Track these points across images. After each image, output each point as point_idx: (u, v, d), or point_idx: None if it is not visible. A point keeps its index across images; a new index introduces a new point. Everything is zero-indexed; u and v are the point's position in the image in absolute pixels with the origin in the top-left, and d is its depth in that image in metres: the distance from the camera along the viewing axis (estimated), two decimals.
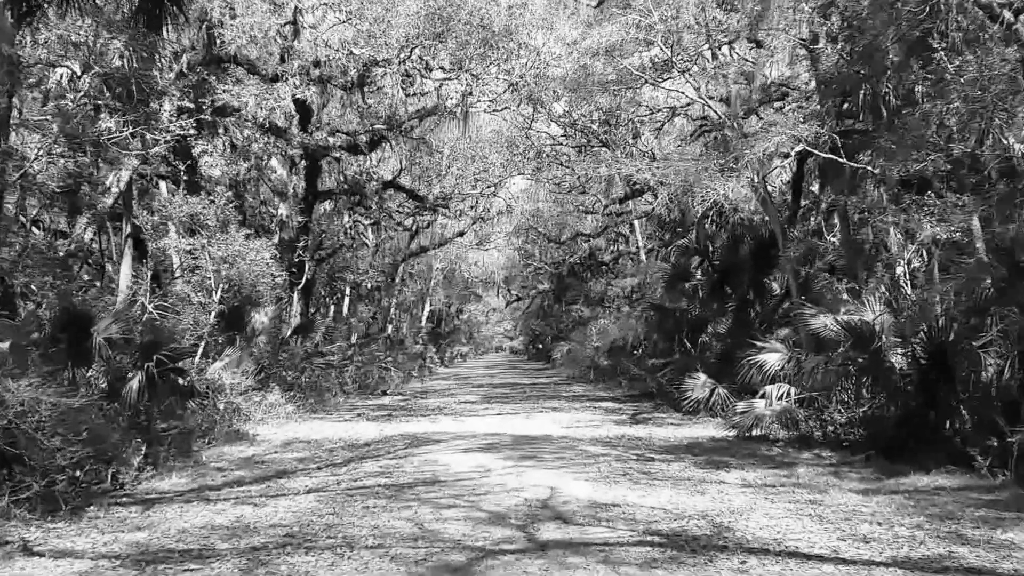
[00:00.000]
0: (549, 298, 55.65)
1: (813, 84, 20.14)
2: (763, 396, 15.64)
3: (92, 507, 10.02)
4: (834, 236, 26.58)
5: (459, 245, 48.31)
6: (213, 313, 19.92)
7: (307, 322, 24.81)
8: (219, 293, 19.85)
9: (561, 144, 31.28)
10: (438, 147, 29.07)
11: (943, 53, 12.88)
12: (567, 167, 34.23)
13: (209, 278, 18.88)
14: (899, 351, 14.16)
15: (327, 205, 33.88)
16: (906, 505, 9.64)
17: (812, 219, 26.81)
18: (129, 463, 11.96)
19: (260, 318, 23.44)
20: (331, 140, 23.66)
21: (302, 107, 23.50)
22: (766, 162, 16.91)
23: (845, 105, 18.38)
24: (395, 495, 10.57)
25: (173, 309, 18.23)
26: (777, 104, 23.58)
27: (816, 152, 16.53)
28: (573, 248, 46.62)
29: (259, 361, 21.59)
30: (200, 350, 19.34)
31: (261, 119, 19.66)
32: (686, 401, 19.83)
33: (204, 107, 19.02)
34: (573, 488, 10.85)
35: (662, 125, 30.82)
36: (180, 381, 14.90)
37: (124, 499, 10.64)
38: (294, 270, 27.18)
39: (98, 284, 23.62)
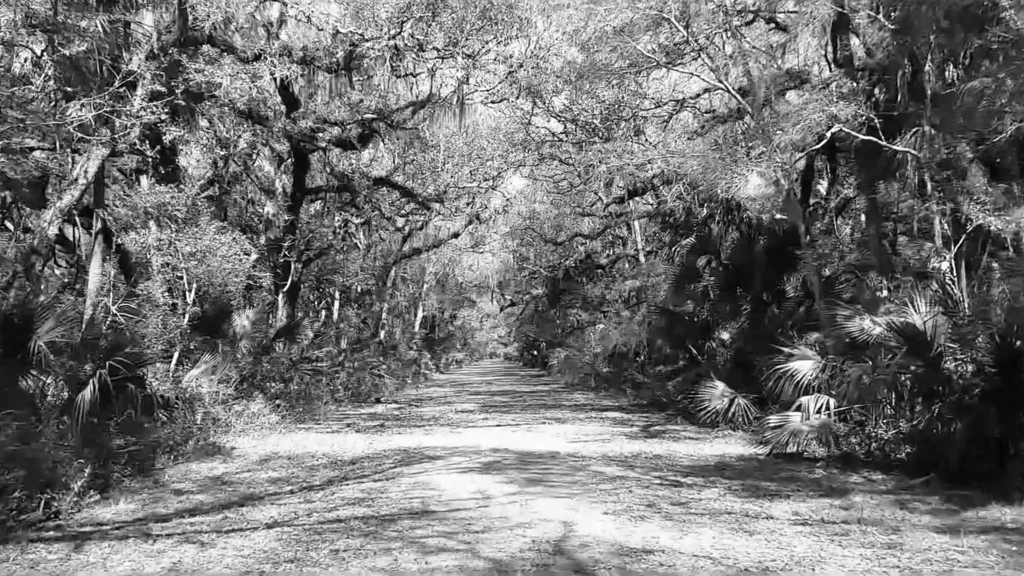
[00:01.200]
0: (544, 303, 53.67)
1: (835, 70, 18.35)
2: (798, 408, 13.74)
3: (10, 544, 8.08)
4: (857, 232, 24.74)
5: (453, 248, 46.43)
6: (187, 316, 18.02)
7: (293, 326, 22.82)
8: (193, 294, 17.93)
9: (561, 140, 29.35)
10: (433, 142, 27.06)
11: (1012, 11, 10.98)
12: (570, 162, 32.42)
13: (181, 277, 16.93)
14: (957, 358, 12.28)
15: (316, 206, 31.98)
16: (1009, 551, 7.71)
17: (823, 218, 25.03)
18: (68, 487, 10.00)
19: (242, 321, 21.52)
20: (318, 131, 21.72)
21: (287, 95, 21.57)
22: (799, 145, 14.97)
23: (878, 89, 16.57)
24: (374, 532, 8.59)
25: (139, 311, 16.30)
26: (793, 95, 21.74)
27: (853, 134, 14.63)
28: (569, 251, 44.72)
29: (241, 368, 19.63)
30: (175, 357, 17.48)
31: (239, 103, 17.68)
32: (703, 412, 17.98)
33: (176, 90, 17.08)
34: (592, 524, 8.88)
35: (668, 119, 28.95)
36: (142, 390, 12.99)
37: (52, 533, 8.71)
38: (279, 271, 25.37)
39: (78, 285, 21.81)
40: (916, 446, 12.37)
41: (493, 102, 24.86)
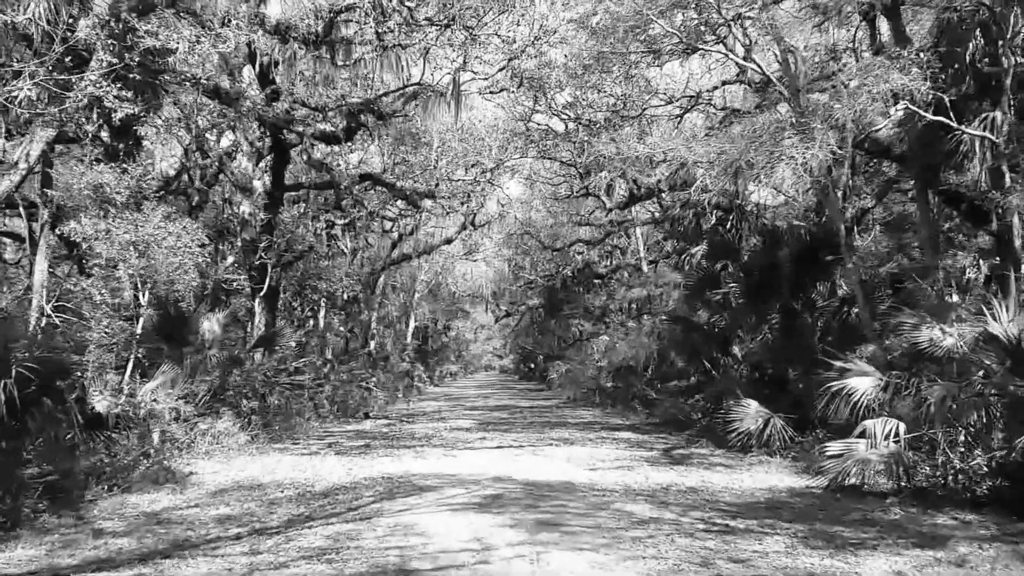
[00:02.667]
0: (539, 315, 51.17)
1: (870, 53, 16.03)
2: (862, 434, 11.36)
3: None
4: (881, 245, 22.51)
5: (446, 255, 44.00)
6: (141, 319, 15.57)
7: (271, 335, 20.29)
8: (147, 294, 15.48)
9: (564, 139, 27.00)
10: (425, 139, 24.61)
11: None
12: (571, 162, 30.13)
13: (115, 268, 14.45)
14: None
15: (300, 208, 29.54)
16: None
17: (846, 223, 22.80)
18: None
19: (211, 327, 19.06)
20: (298, 118, 19.33)
21: (262, 74, 19.22)
22: (857, 124, 12.57)
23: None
24: None
25: (83, 312, 13.89)
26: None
27: (920, 112, 12.25)
28: (567, 259, 42.34)
29: (209, 381, 17.16)
30: (129, 367, 15.03)
31: (201, 76, 15.24)
32: (733, 435, 15.60)
33: (131, 62, 14.70)
34: None
35: (681, 115, 26.67)
36: (61, 406, 10.57)
37: None
38: (254, 274, 22.97)
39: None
40: (1012, 481, 10.00)
41: (492, 92, 22.49)
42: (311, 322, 34.31)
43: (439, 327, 61.90)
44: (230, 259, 25.67)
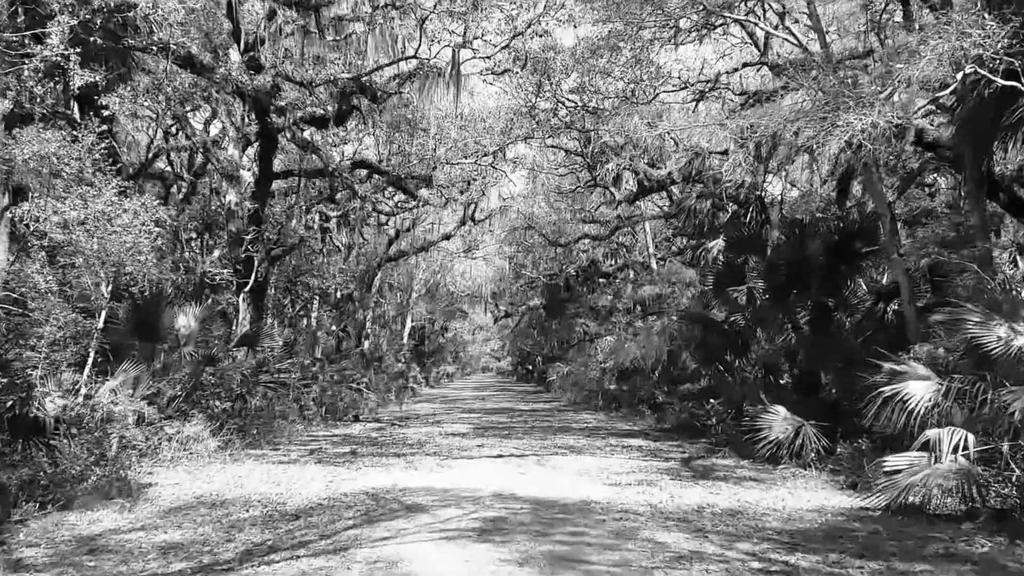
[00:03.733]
0: (540, 316, 49.32)
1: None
2: (925, 447, 9.65)
3: None
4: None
5: (444, 253, 42.25)
6: (104, 312, 13.84)
7: (255, 332, 18.44)
8: (109, 284, 13.74)
9: (570, 123, 25.32)
10: (423, 124, 22.83)
11: None
12: (578, 151, 28.48)
13: (91, 260, 12.72)
14: None
15: (291, 199, 27.80)
16: None
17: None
18: None
19: (186, 322, 17.23)
20: (285, 95, 17.60)
21: (246, 52, 17.51)
22: (918, 89, 10.83)
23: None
24: None
25: (25, 303, 12.15)
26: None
27: (990, 77, 10.51)
28: (571, 257, 40.54)
29: (180, 380, 15.40)
30: (88, 365, 13.33)
31: (171, 40, 13.46)
32: (761, 445, 13.90)
33: (92, 23, 13.00)
34: None
35: (697, 102, 25.00)
36: None
37: None
38: (240, 268, 21.30)
39: None
40: None
41: (494, 74, 20.81)
42: (304, 321, 32.63)
43: (436, 328, 60.17)
44: (216, 252, 24.03)
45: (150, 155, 21.23)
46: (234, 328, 20.70)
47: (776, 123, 11.94)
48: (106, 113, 14.81)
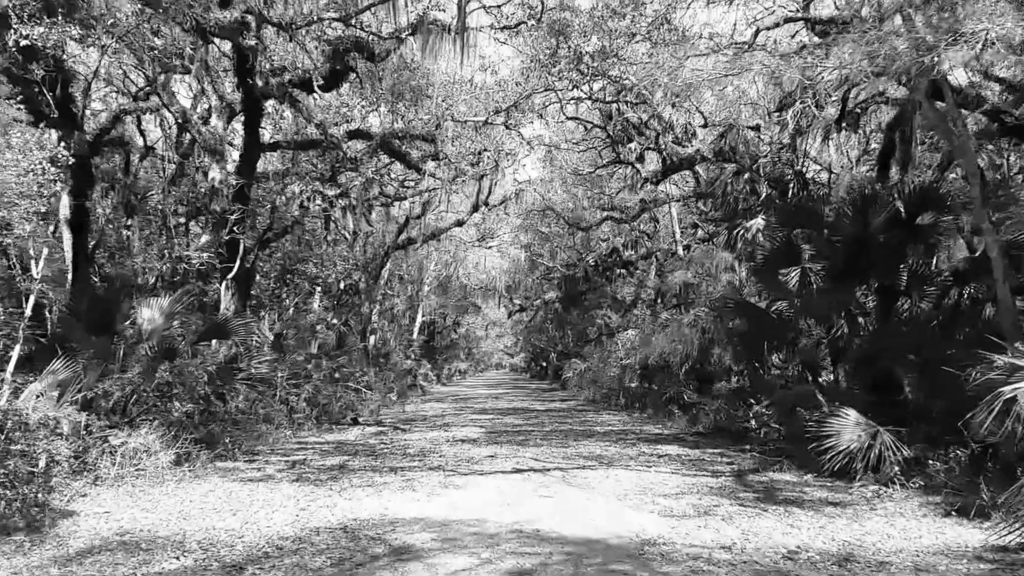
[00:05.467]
0: (556, 309, 46.47)
1: None
2: None
3: None
4: None
5: (457, 243, 39.51)
6: (32, 297, 11.21)
7: (223, 322, 15.51)
8: (40, 265, 11.12)
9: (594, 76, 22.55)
10: (428, 90, 20.04)
11: None
12: (601, 124, 25.81)
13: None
14: None
15: (287, 180, 25.06)
16: None
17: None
18: None
19: (150, 314, 14.55)
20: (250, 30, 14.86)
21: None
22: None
23: None
24: None
25: None
26: None
27: None
28: (589, 247, 37.73)
29: (130, 381, 12.70)
30: (12, 364, 10.78)
31: None
32: (829, 456, 11.24)
33: None
34: None
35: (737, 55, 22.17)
36: None
37: None
38: (223, 252, 18.74)
39: None
40: None
41: (506, 29, 18.04)
42: (308, 315, 29.94)
43: (448, 323, 57.48)
44: (204, 238, 21.52)
45: (112, 117, 18.56)
46: (218, 320, 18.09)
47: (859, 56, 9.11)
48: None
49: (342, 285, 29.48)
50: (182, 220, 21.87)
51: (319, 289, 28.73)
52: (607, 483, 11.26)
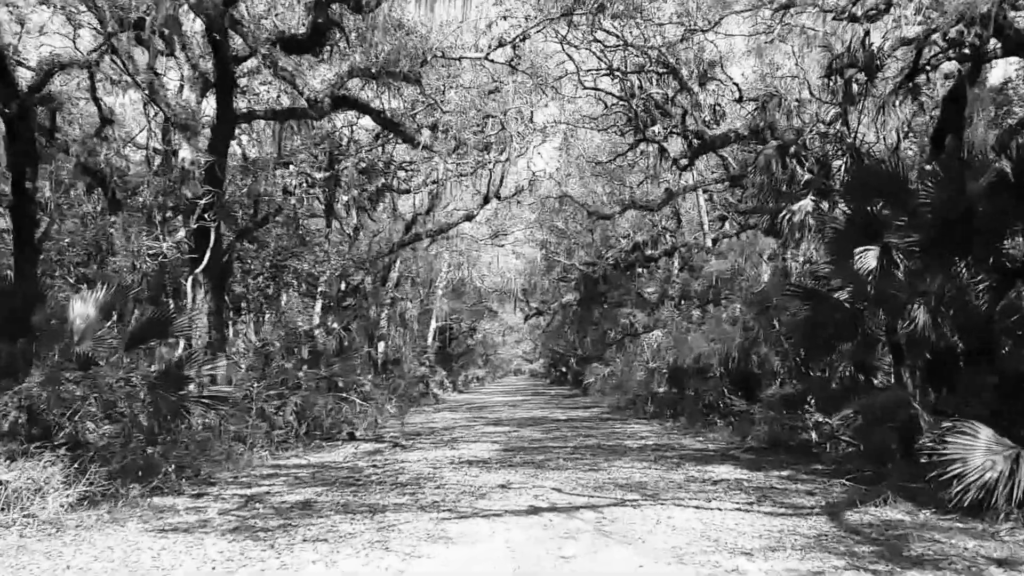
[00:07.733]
0: (573, 313, 43.19)
1: None
2: None
3: None
4: None
5: (468, 240, 36.32)
6: None
7: (162, 319, 12.13)
8: None
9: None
10: (428, 55, 16.77)
11: None
12: (622, 96, 22.72)
13: None
14: None
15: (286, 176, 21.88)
16: None
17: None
18: None
19: (83, 310, 11.36)
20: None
21: None
22: None
23: None
24: None
25: None
26: None
27: None
28: (608, 242, 34.52)
29: (28, 397, 9.51)
30: None
31: None
32: (963, 486, 8.03)
33: None
34: None
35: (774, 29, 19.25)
36: None
37: None
38: (189, 243, 15.75)
39: None
40: None
41: None
42: (306, 319, 26.80)
43: (464, 328, 54.30)
44: (181, 232, 18.62)
45: (44, 72, 15.46)
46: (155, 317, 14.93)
47: None
48: None
49: (343, 286, 26.31)
50: (169, 215, 18.96)
51: (319, 290, 25.58)
52: (659, 532, 7.89)
